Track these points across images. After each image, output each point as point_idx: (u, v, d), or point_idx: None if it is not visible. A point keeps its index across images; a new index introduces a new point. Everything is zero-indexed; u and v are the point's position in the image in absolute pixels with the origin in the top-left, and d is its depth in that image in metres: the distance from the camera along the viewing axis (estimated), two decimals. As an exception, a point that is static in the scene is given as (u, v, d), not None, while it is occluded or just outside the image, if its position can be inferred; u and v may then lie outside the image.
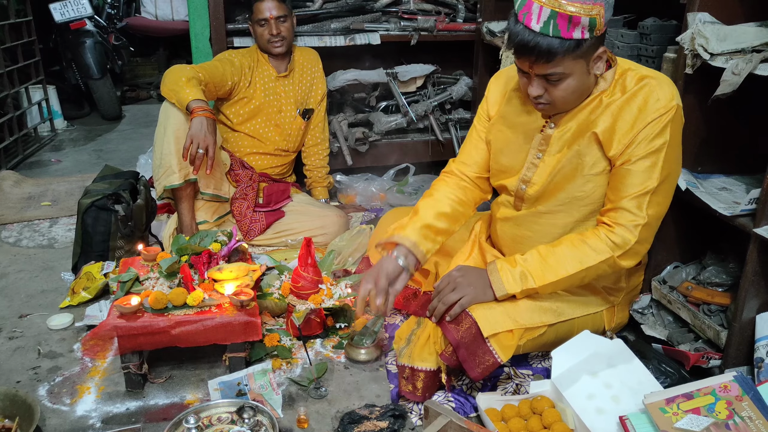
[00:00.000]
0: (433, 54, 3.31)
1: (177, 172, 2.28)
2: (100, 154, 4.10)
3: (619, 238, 1.55)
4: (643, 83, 1.53)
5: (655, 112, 1.50)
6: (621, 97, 1.55)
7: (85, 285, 2.17)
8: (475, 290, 1.63)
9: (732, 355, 1.61)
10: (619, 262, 1.57)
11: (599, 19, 1.41)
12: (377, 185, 3.09)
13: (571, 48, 1.43)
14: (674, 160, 1.56)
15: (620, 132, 1.54)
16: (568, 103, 1.58)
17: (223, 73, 2.52)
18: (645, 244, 1.60)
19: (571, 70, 1.48)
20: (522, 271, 1.61)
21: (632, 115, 1.52)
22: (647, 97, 1.51)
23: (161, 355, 1.83)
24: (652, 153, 1.51)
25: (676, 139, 1.55)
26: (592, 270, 1.58)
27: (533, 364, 1.84)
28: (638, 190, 1.53)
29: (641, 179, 1.53)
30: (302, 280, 1.97)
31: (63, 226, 2.86)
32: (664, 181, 1.54)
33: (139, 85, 5.87)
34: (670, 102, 1.50)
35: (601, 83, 1.58)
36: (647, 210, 1.53)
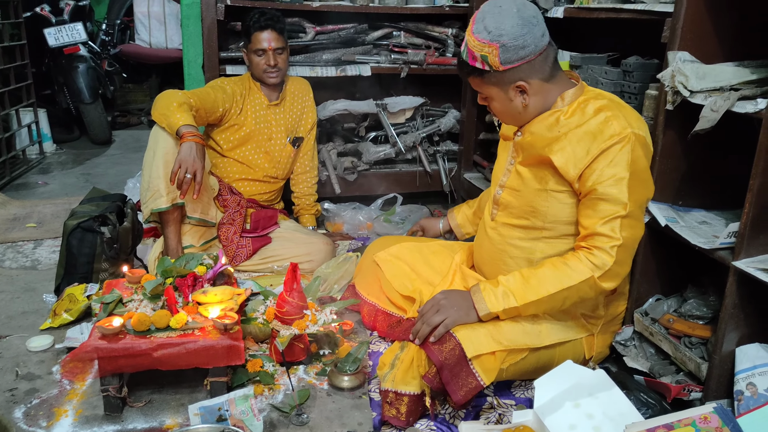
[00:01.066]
0: (422, 87, 3.37)
1: (165, 195, 2.28)
2: (88, 178, 4.09)
3: (599, 260, 1.59)
4: (600, 113, 1.62)
5: (609, 138, 1.57)
6: (576, 126, 1.63)
7: (67, 307, 2.15)
8: (458, 311, 1.65)
9: (713, 387, 1.63)
10: (600, 284, 1.61)
11: (492, 57, 1.60)
12: (365, 214, 3.11)
13: (476, 74, 1.67)
14: (642, 183, 1.62)
15: (575, 158, 1.61)
16: (506, 120, 1.79)
17: (215, 99, 2.55)
18: (624, 266, 1.64)
19: (488, 93, 1.71)
20: (504, 290, 1.65)
21: (587, 143, 1.60)
22: (603, 126, 1.59)
23: (141, 378, 1.81)
24: (616, 180, 1.58)
25: (641, 165, 1.60)
26: (573, 290, 1.61)
27: (516, 394, 1.83)
28: (610, 215, 1.59)
29: (611, 206, 1.58)
30: (287, 306, 1.96)
31: (47, 248, 2.84)
32: (634, 206, 1.59)
33: (131, 111, 5.89)
34: (624, 129, 1.57)
35: (559, 102, 1.69)
36: (621, 233, 1.58)
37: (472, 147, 3.25)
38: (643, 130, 1.63)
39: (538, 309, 1.67)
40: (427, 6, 3.18)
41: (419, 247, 2.13)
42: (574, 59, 2.31)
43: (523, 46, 1.58)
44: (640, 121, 1.64)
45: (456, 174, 3.34)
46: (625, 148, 1.57)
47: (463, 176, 3.25)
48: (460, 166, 3.30)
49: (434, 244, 2.17)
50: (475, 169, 3.29)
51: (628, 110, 1.66)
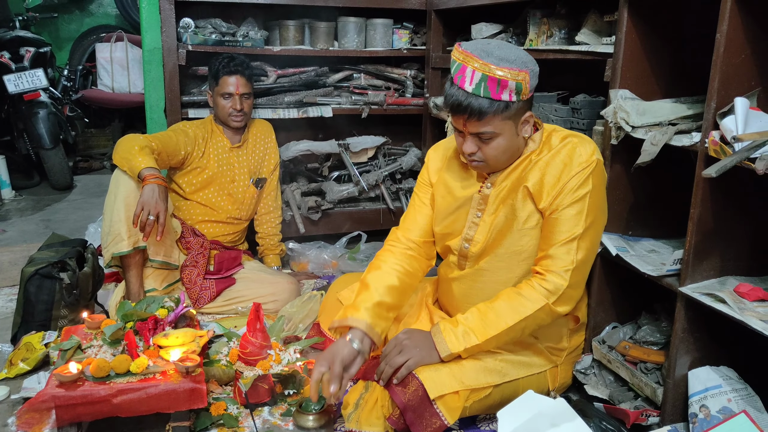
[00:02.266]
0: (384, 126, 3.45)
1: (126, 239, 2.27)
2: (48, 224, 4.02)
3: (552, 285, 1.63)
4: (567, 141, 1.69)
5: (578, 165, 1.64)
6: (548, 154, 1.69)
7: (24, 356, 2.10)
8: (421, 352, 1.66)
9: (668, 411, 1.67)
10: (555, 309, 1.64)
11: (525, 84, 1.57)
12: (329, 253, 3.13)
13: (500, 109, 1.58)
14: (598, 208, 1.69)
15: (548, 185, 1.66)
16: (500, 162, 1.71)
17: (177, 142, 2.56)
18: (577, 289, 1.68)
19: (501, 129, 1.62)
20: (464, 329, 1.66)
21: (558, 169, 1.66)
22: (571, 153, 1.66)
23: (101, 426, 1.77)
24: (576, 201, 1.64)
25: (599, 189, 1.68)
26: (531, 320, 1.64)
27: (481, 427, 1.85)
28: (566, 237, 1.63)
29: (568, 226, 1.64)
30: (250, 346, 1.96)
31: (4, 297, 2.77)
32: (589, 227, 1.65)
33: (93, 156, 5.84)
34: (591, 156, 1.65)
35: (531, 144, 1.72)
36: (576, 255, 1.63)
37: (434, 184, 3.32)
38: (601, 156, 1.71)
39: (498, 342, 1.69)
40: (385, 49, 3.28)
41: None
42: (526, 98, 2.41)
43: (536, 74, 1.62)
44: (597, 149, 1.71)
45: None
46: (591, 174, 1.64)
47: (426, 213, 3.30)
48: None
49: (397, 280, 2.18)
50: (438, 205, 3.35)
51: (588, 138, 1.74)
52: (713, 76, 1.49)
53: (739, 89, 1.49)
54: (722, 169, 1.39)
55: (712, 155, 1.48)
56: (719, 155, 1.45)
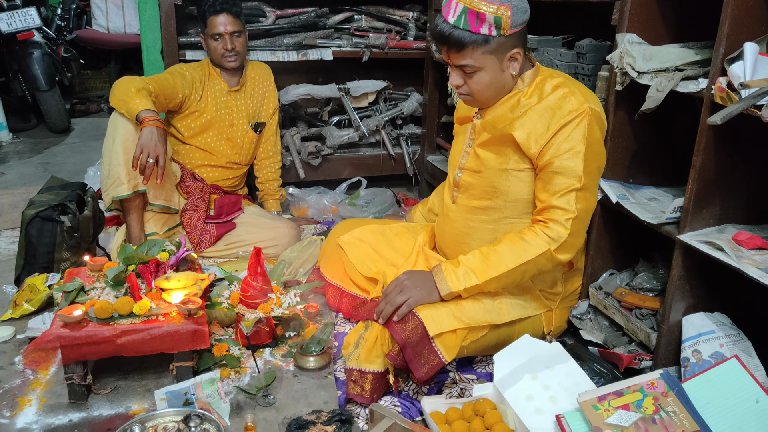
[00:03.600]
0: (385, 70, 3.38)
1: (126, 182, 2.26)
2: (46, 167, 4.01)
3: (554, 233, 1.66)
4: (558, 90, 1.68)
5: (568, 114, 1.63)
6: (537, 103, 1.69)
7: (28, 297, 2.13)
8: (421, 291, 1.69)
9: (661, 355, 1.71)
10: (556, 256, 1.67)
11: (505, 19, 1.58)
12: (329, 198, 3.13)
13: (479, 42, 1.61)
14: (595, 158, 1.69)
15: (536, 134, 1.66)
16: (485, 97, 1.73)
17: (174, 85, 2.52)
18: (578, 237, 1.70)
19: (483, 64, 1.65)
20: (465, 269, 1.69)
21: (546, 118, 1.66)
22: (561, 102, 1.65)
23: (106, 365, 1.81)
24: (573, 153, 1.64)
25: (595, 138, 1.67)
26: (532, 264, 1.67)
27: (477, 369, 1.89)
28: (565, 188, 1.65)
29: (567, 178, 1.65)
30: (251, 290, 1.98)
31: (5, 239, 2.79)
32: (587, 177, 1.65)
33: (89, 98, 5.76)
34: (582, 105, 1.64)
35: (519, 83, 1.73)
36: (577, 205, 1.64)
37: (435, 130, 3.29)
38: (598, 105, 1.71)
39: (498, 285, 1.72)
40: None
41: (382, 229, 2.17)
42: (530, 42, 2.35)
43: (525, 10, 1.63)
44: (594, 97, 1.72)
45: (419, 157, 3.38)
46: (582, 122, 1.63)
47: (427, 159, 3.29)
48: (423, 149, 3.34)
49: (397, 226, 2.21)
50: (438, 151, 3.33)
51: (583, 87, 1.73)
52: (723, 20, 1.45)
53: (749, 34, 1.46)
54: (728, 116, 1.37)
55: (718, 102, 1.45)
56: (725, 102, 1.43)
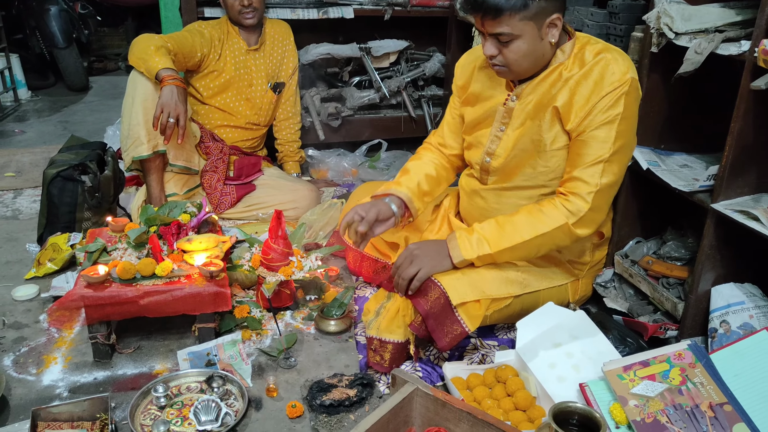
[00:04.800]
0: (407, 30, 3.30)
1: (145, 143, 2.25)
2: (66, 126, 4.01)
3: (574, 206, 1.59)
4: (600, 57, 1.58)
5: (610, 85, 1.55)
6: (579, 72, 1.60)
7: (51, 256, 2.15)
8: (431, 261, 1.65)
9: (688, 325, 1.68)
10: (574, 230, 1.61)
11: None
12: (349, 161, 3.10)
13: (517, 7, 1.48)
14: (629, 131, 1.61)
15: (577, 105, 1.58)
16: (522, 68, 1.61)
17: (192, 43, 2.48)
18: (599, 213, 1.63)
19: (521, 31, 1.52)
20: (478, 237, 1.64)
21: (588, 89, 1.57)
22: (603, 71, 1.56)
23: (129, 325, 1.83)
24: (606, 123, 1.56)
25: (631, 111, 1.59)
26: (548, 237, 1.62)
27: (499, 336, 1.88)
28: (592, 159, 1.58)
29: (595, 149, 1.57)
30: (272, 252, 1.97)
31: (27, 198, 2.81)
32: (618, 151, 1.58)
33: (107, 56, 5.72)
34: (624, 75, 1.55)
35: (560, 55, 1.62)
36: (601, 178, 1.58)
37: (457, 92, 3.21)
38: (635, 73, 1.61)
39: (512, 256, 1.67)
40: (410, -56, 3.08)
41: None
42: (560, 0, 2.27)
43: None
44: (632, 65, 1.61)
45: (441, 119, 3.31)
46: (624, 94, 1.55)
47: (448, 121, 3.22)
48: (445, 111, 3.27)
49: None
50: (460, 114, 3.26)
51: (623, 54, 1.62)
52: (770, -23, 1.37)
53: (797, -8, 1.38)
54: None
55: (761, 65, 1.39)
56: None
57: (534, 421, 1.50)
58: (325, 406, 1.54)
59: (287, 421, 1.54)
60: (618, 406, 1.39)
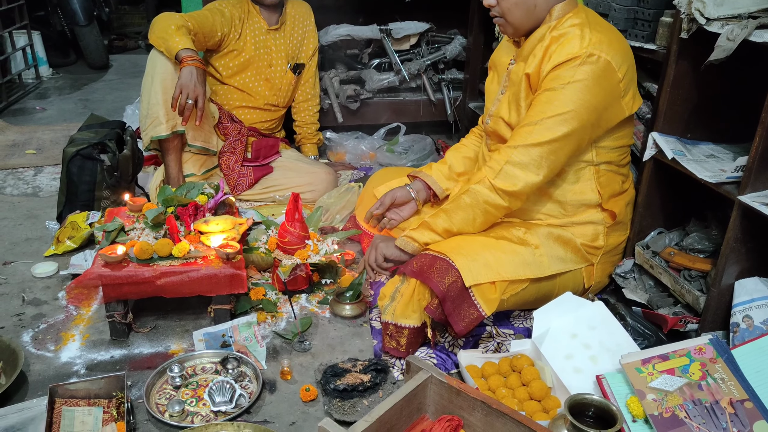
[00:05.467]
0: (428, 12, 3.25)
1: (164, 123, 2.25)
2: (86, 104, 4.03)
3: (493, 162, 1.68)
4: (571, 29, 1.62)
5: (565, 54, 1.60)
6: (550, 39, 1.65)
7: (70, 234, 2.16)
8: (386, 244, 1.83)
9: (709, 319, 1.65)
10: (494, 183, 1.66)
11: None
12: (367, 144, 3.07)
13: None
14: (575, 102, 1.59)
15: (541, 73, 1.65)
16: (515, 17, 1.67)
17: (213, 23, 2.46)
18: (523, 170, 1.64)
19: None
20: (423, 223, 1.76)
21: (549, 56, 1.63)
22: (565, 42, 1.61)
23: (146, 305, 1.84)
24: (551, 90, 1.60)
25: (582, 84, 1.58)
26: (474, 195, 1.68)
27: (515, 324, 1.86)
28: (527, 120, 1.64)
29: (532, 112, 1.64)
30: (289, 236, 1.97)
31: (48, 175, 2.83)
32: (553, 116, 1.60)
33: (127, 35, 5.73)
34: (581, 48, 1.58)
35: (547, 18, 1.68)
36: (527, 139, 1.62)
37: (478, 75, 3.16)
38: (609, 52, 1.58)
39: (451, 222, 1.72)
40: (434, -76, 3.02)
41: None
42: (586, -17, 2.21)
43: None
44: (608, 43, 1.59)
45: (461, 103, 3.27)
46: (574, 65, 1.58)
47: (468, 105, 3.18)
48: (465, 95, 3.23)
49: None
50: (481, 98, 3.21)
51: (600, 30, 1.62)
52: (810, -38, 1.32)
53: (838, -22, 1.32)
54: (807, 69, 1.26)
55: (796, 54, 1.34)
56: (804, 54, 1.32)
57: (549, 412, 1.48)
58: (338, 390, 1.54)
59: (300, 405, 1.54)
60: (635, 400, 1.37)
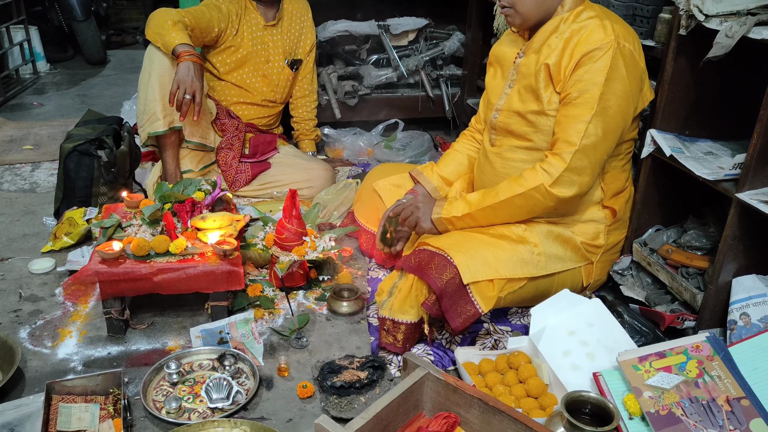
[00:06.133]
0: (427, 7, 3.25)
1: (161, 119, 2.24)
2: (83, 99, 4.02)
3: (551, 167, 1.65)
4: (592, 20, 1.64)
5: (593, 43, 1.60)
6: (568, 30, 1.66)
7: (67, 230, 2.16)
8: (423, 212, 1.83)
9: (706, 317, 1.65)
10: (551, 190, 1.65)
11: None
12: (365, 140, 3.07)
13: None
14: (615, 94, 1.62)
15: (564, 64, 1.65)
16: (526, 7, 1.68)
17: (210, 18, 2.45)
18: (581, 174, 1.65)
19: None
20: (463, 202, 1.76)
21: (572, 47, 1.63)
22: (589, 32, 1.62)
23: (143, 301, 1.84)
24: (589, 85, 1.60)
25: (618, 74, 1.61)
26: (525, 198, 1.68)
27: (512, 321, 1.87)
28: (574, 120, 1.62)
29: (577, 110, 1.62)
30: (286, 232, 1.97)
31: (45, 171, 2.82)
32: (601, 113, 1.61)
33: (125, 30, 5.71)
34: (608, 36, 1.59)
35: (559, 10, 1.69)
36: (582, 139, 1.61)
37: (476, 71, 3.15)
38: (631, 44, 1.64)
39: (494, 216, 1.73)
40: None
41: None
42: (585, -21, 2.20)
43: None
44: (629, 35, 1.65)
45: (459, 99, 3.27)
46: (605, 54, 1.59)
47: (466, 102, 3.18)
48: (464, 92, 3.22)
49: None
50: (479, 94, 3.21)
51: (619, 23, 1.67)
52: (809, -41, 1.31)
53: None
54: (805, 67, 1.26)
55: (795, 51, 1.33)
56: (803, 51, 1.31)
57: (546, 409, 1.48)
58: (335, 387, 1.54)
59: (298, 401, 1.54)
60: (632, 397, 1.37)
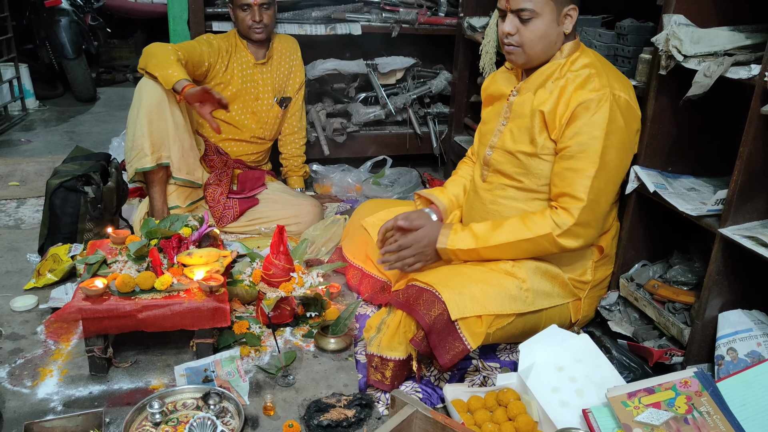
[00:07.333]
0: (414, 47, 3.31)
1: (149, 155, 2.24)
2: (72, 136, 4.02)
3: (560, 219, 1.66)
4: (586, 69, 1.67)
5: (588, 93, 1.62)
6: (565, 78, 1.68)
7: (51, 267, 2.13)
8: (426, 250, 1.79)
9: (694, 352, 1.65)
10: (559, 241, 1.67)
11: None
12: (353, 176, 3.09)
13: None
14: (615, 147, 1.65)
15: (559, 112, 1.66)
16: (535, 50, 1.69)
17: (201, 53, 2.49)
18: (588, 228, 1.68)
19: (542, 10, 1.64)
20: (469, 233, 1.73)
21: (568, 96, 1.65)
22: (584, 82, 1.64)
23: (127, 339, 1.81)
24: (590, 139, 1.62)
25: (617, 126, 1.63)
26: (533, 243, 1.69)
27: (501, 357, 1.85)
28: (578, 175, 1.64)
29: (580, 164, 1.64)
30: (273, 268, 1.96)
31: (30, 207, 2.80)
32: (604, 167, 1.64)
33: (116, 68, 5.76)
34: (603, 88, 1.62)
35: (558, 55, 1.71)
36: (588, 195, 1.63)
37: (463, 109, 3.21)
38: (626, 92, 1.66)
39: (498, 254, 1.73)
40: (419, -37, 3.09)
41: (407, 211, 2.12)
42: (568, 21, 2.26)
43: None
44: (623, 84, 1.68)
45: (446, 137, 3.31)
46: (603, 106, 1.61)
47: (454, 139, 3.22)
48: (451, 129, 3.27)
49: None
50: (466, 131, 3.25)
51: (612, 71, 1.70)
52: (781, 2, 1.36)
53: (808, 17, 1.37)
54: (782, 105, 1.29)
55: (771, 90, 1.37)
56: (779, 90, 1.35)
57: (535, 447, 1.46)
58: (322, 426, 1.51)
59: (284, 441, 1.51)
60: (622, 434, 1.36)
